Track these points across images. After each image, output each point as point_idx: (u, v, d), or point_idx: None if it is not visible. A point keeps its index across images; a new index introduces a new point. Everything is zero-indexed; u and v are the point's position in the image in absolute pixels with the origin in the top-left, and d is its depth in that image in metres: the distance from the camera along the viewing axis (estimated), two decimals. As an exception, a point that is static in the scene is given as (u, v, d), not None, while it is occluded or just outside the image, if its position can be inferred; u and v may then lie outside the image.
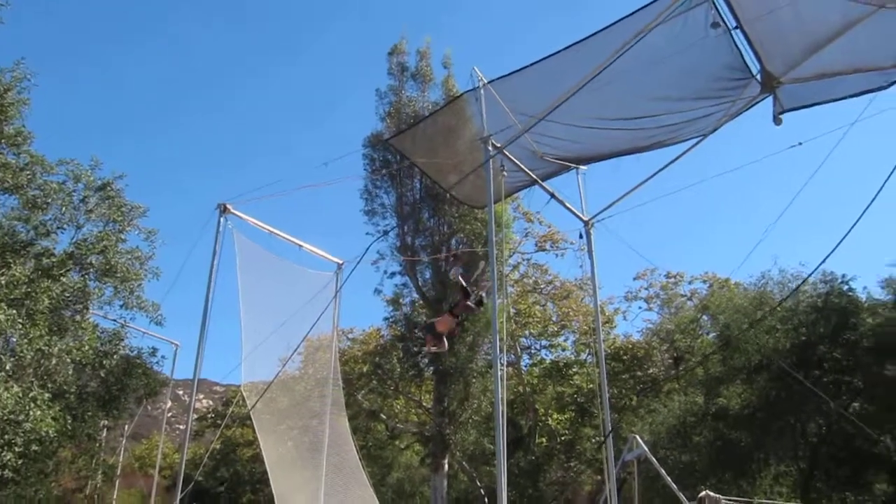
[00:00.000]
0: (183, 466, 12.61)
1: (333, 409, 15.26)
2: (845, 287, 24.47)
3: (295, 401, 16.92)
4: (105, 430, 25.47)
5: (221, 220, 12.75)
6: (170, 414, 51.08)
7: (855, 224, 7.47)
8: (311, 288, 14.61)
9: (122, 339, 20.33)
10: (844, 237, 7.39)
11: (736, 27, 8.94)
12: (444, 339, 10.84)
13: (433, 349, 11.12)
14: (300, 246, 14.43)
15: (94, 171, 19.92)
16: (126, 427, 26.67)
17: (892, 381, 22.36)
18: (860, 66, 9.54)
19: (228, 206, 12.84)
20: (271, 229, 13.71)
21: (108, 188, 20.02)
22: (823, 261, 11.87)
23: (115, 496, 28.40)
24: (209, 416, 42.42)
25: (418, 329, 12.11)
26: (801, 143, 10.38)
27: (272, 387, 14.03)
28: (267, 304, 14.11)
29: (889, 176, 7.10)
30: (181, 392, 57.99)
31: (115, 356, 19.74)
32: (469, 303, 10.94)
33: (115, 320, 20.20)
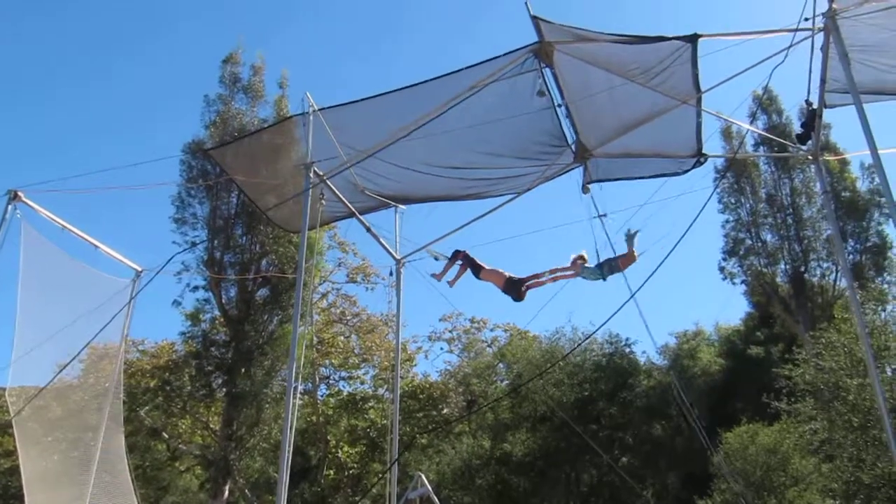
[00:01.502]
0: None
1: (111, 423, 14.23)
2: (627, 350, 26.59)
3: (69, 411, 15.64)
4: None
5: (10, 207, 11.65)
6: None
7: (636, 292, 8.28)
8: (104, 293, 13.64)
9: None
10: (625, 303, 8.17)
11: (560, 104, 9.63)
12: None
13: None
14: (97, 247, 13.45)
15: None
16: None
17: (657, 440, 24.41)
18: (660, 152, 10.59)
19: (20, 193, 11.73)
20: (65, 224, 12.63)
21: None
22: (605, 323, 13.01)
23: None
24: (-36, 419, 38.19)
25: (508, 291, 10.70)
26: (605, 215, 11.12)
27: (44, 394, 12.90)
28: (51, 305, 13.02)
29: (668, 254, 7.90)
30: (-66, 390, 51.77)
31: None
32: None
33: None
